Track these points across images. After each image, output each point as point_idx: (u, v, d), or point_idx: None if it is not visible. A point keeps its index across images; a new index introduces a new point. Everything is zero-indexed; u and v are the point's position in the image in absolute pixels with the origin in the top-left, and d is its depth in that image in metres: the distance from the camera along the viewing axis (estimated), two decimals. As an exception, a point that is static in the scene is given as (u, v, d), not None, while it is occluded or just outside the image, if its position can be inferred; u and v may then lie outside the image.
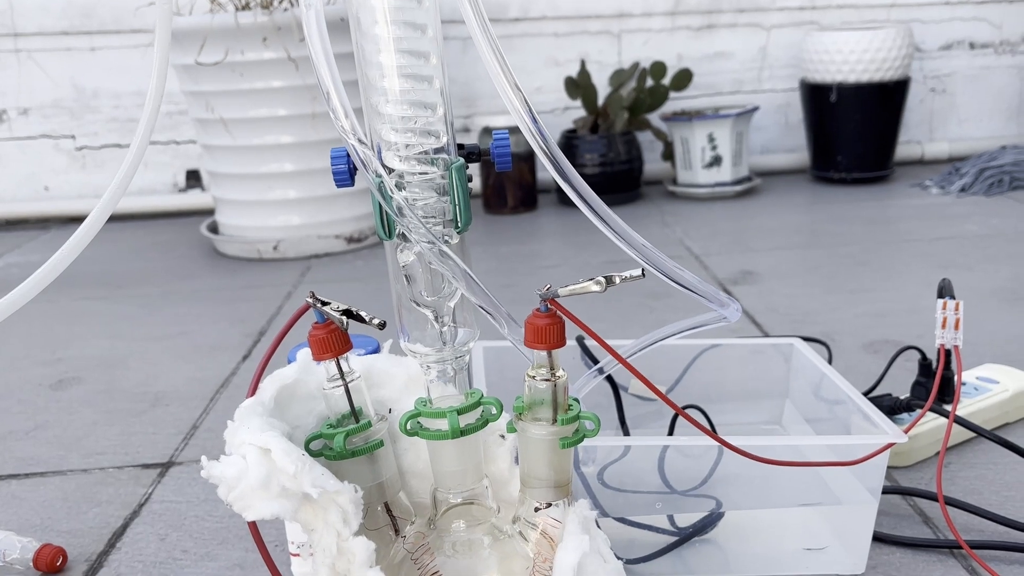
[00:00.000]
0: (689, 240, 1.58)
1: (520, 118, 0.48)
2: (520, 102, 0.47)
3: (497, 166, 0.54)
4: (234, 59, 1.51)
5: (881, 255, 1.43)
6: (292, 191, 1.62)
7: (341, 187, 0.50)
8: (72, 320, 1.35)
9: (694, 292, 0.53)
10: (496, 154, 0.54)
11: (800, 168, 2.05)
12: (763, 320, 1.16)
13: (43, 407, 1.04)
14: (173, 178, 2.06)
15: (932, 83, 2.08)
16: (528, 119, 0.48)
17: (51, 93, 1.99)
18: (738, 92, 2.05)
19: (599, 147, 1.84)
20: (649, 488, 0.67)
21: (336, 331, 0.48)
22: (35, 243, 1.86)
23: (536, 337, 0.47)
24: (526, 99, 0.48)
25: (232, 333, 1.25)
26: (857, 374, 0.96)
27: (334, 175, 0.50)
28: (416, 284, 0.48)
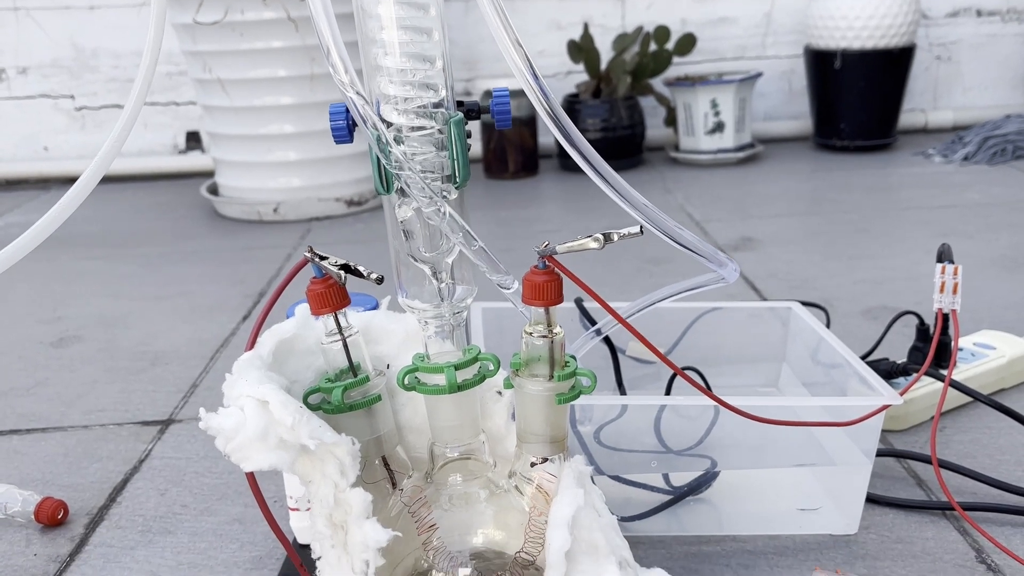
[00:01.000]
0: (690, 206, 1.58)
1: (521, 75, 0.47)
2: (522, 59, 0.47)
3: (497, 123, 0.54)
4: (233, 19, 1.50)
5: (882, 223, 1.42)
6: (292, 153, 1.62)
7: (340, 143, 0.50)
8: (72, 279, 1.35)
9: (693, 251, 0.53)
10: (496, 111, 0.54)
11: (803, 135, 2.04)
12: (762, 286, 1.16)
13: (43, 364, 1.04)
14: (173, 139, 2.05)
15: (938, 51, 2.06)
16: (529, 76, 0.48)
17: (50, 52, 1.98)
18: (741, 58, 2.04)
19: (601, 112, 1.83)
20: (645, 448, 0.68)
21: (334, 286, 0.48)
22: (35, 203, 1.86)
23: (534, 294, 0.47)
24: (528, 56, 0.48)
25: (231, 294, 1.25)
26: (854, 339, 0.97)
27: (333, 131, 0.50)
28: (414, 240, 0.48)
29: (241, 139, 1.62)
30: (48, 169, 2.01)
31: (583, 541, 0.45)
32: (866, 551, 0.63)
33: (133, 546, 0.68)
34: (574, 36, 1.89)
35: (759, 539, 0.65)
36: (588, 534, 0.45)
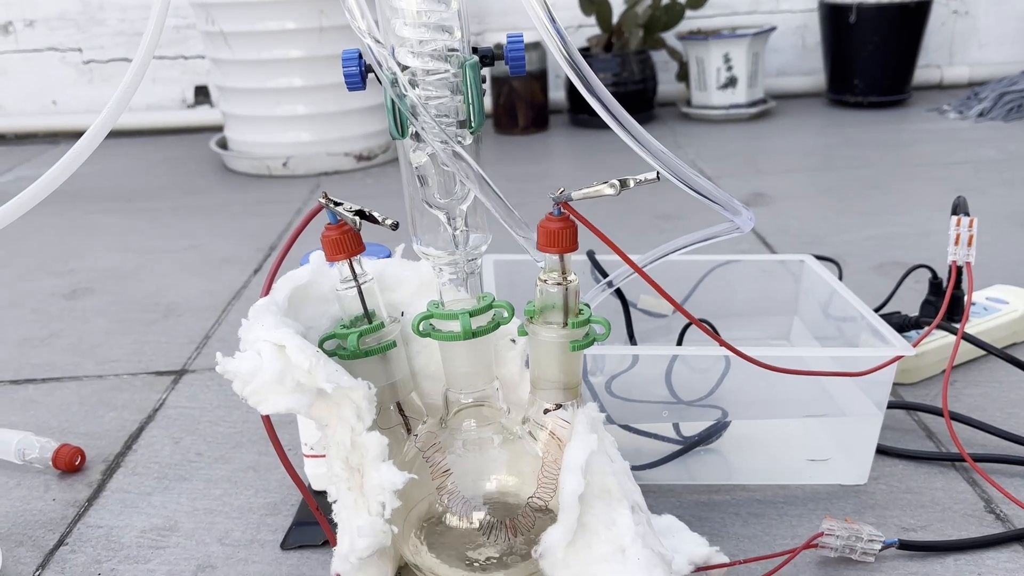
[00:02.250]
0: (702, 162, 1.57)
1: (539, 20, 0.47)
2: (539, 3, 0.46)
3: (511, 70, 0.53)
4: (242, -31, 1.48)
5: (895, 179, 1.41)
6: (301, 107, 1.61)
7: (353, 90, 0.49)
8: (83, 233, 1.35)
9: (709, 199, 0.52)
10: (510, 57, 0.53)
11: (816, 91, 2.02)
12: (774, 241, 1.16)
13: (57, 316, 1.05)
14: (182, 94, 2.04)
15: (955, 5, 2.03)
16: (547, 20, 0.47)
17: (57, 4, 1.96)
18: (755, 12, 2.01)
19: (613, 66, 1.81)
20: (656, 398, 0.68)
21: (349, 231, 0.48)
22: (44, 157, 1.86)
23: (548, 240, 0.47)
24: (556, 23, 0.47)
25: (243, 247, 1.25)
26: (867, 294, 0.96)
27: (345, 77, 0.49)
28: (429, 186, 0.48)
29: (250, 93, 1.61)
30: (57, 123, 2.00)
31: (596, 485, 0.45)
32: (875, 501, 0.63)
33: (150, 492, 0.69)
34: (586, -11, 1.87)
35: (769, 488, 0.66)
36: (601, 479, 0.46)
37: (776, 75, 2.04)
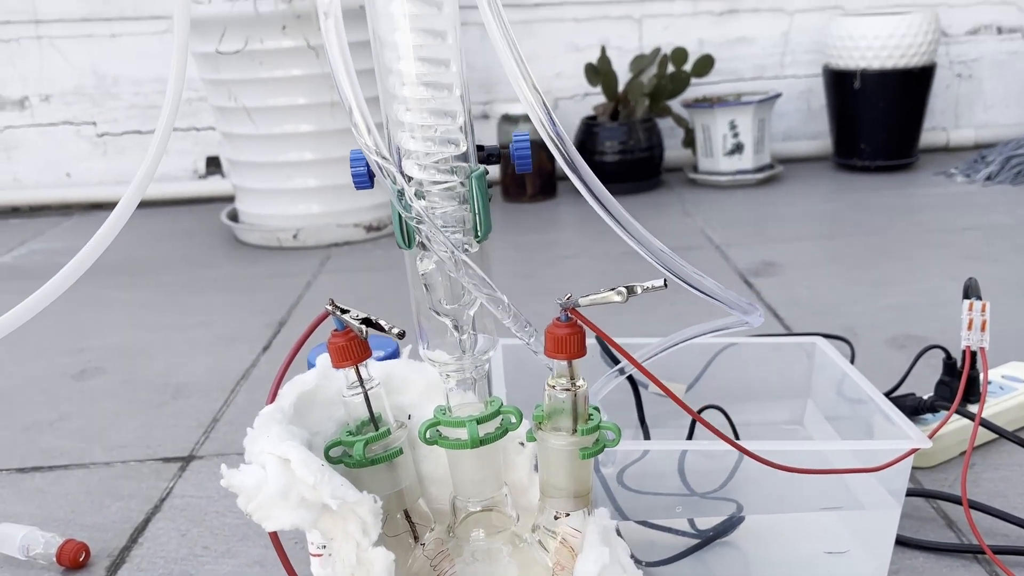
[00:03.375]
0: (710, 230, 1.57)
1: (538, 120, 0.47)
2: (539, 104, 0.47)
3: (517, 168, 0.54)
4: (253, 47, 1.51)
5: (905, 246, 1.41)
6: (312, 179, 1.62)
7: (360, 189, 0.49)
8: (95, 309, 1.36)
9: (715, 299, 0.52)
10: (516, 156, 0.54)
11: (823, 155, 2.03)
12: (785, 313, 1.15)
13: (66, 397, 1.05)
14: (193, 164, 2.06)
15: (958, 68, 2.05)
16: (546, 121, 0.47)
17: (72, 80, 2.00)
18: (760, 78, 2.03)
19: (619, 134, 1.83)
20: (669, 490, 0.67)
21: (355, 339, 0.48)
22: (57, 230, 1.88)
23: (556, 347, 0.46)
24: (544, 101, 0.47)
25: (252, 323, 1.25)
26: (880, 371, 0.95)
27: (353, 177, 0.50)
28: (435, 292, 0.48)
29: (261, 166, 1.63)
30: (71, 195, 2.02)
31: (608, 599, 0.44)
32: (896, 597, 0.62)
33: (155, 590, 0.68)
34: (592, 57, 1.89)
35: (786, 584, 0.64)
36: (613, 592, 0.44)
37: (782, 139, 2.06)
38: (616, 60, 1.90)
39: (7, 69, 1.99)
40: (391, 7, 0.43)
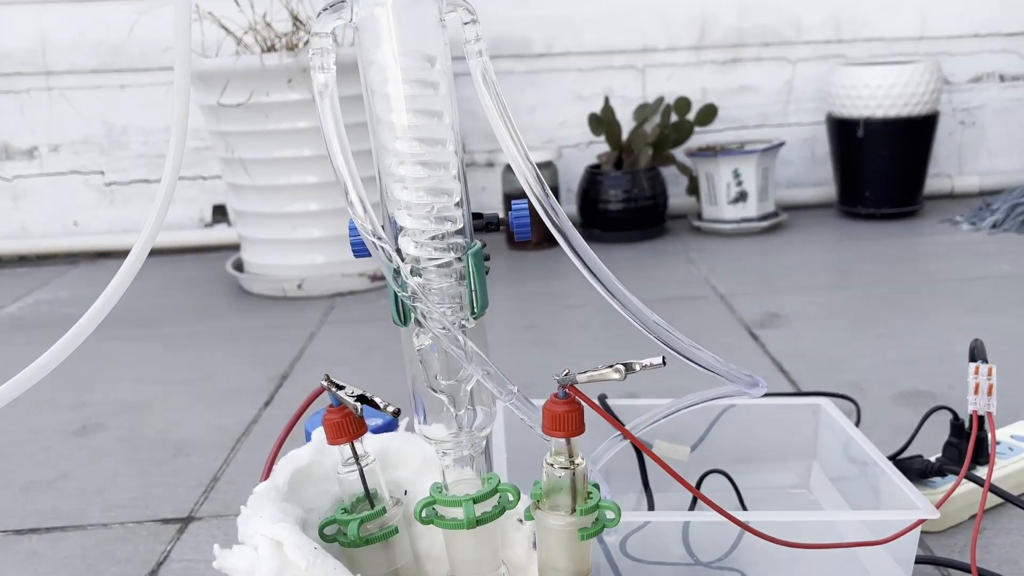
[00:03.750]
0: (715, 279, 1.57)
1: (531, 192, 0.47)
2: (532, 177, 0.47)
3: (516, 237, 0.54)
4: (259, 100, 1.52)
5: (910, 296, 1.40)
6: (316, 230, 1.63)
7: (359, 257, 0.49)
8: (97, 362, 1.35)
9: (715, 373, 0.51)
10: (515, 225, 0.54)
11: (827, 202, 2.03)
12: (790, 367, 1.14)
13: (65, 455, 1.04)
14: (200, 213, 2.07)
15: (961, 115, 2.05)
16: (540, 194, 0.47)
17: (81, 130, 2.02)
18: (763, 126, 2.04)
19: (623, 183, 1.83)
20: (673, 558, 0.66)
21: (350, 415, 0.47)
22: (63, 279, 1.88)
23: (554, 425, 0.46)
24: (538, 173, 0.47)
25: (254, 377, 1.25)
26: (887, 428, 0.94)
27: (352, 246, 0.50)
28: (431, 368, 0.47)
29: (266, 216, 1.64)
30: (77, 244, 2.03)
31: None
32: (906, 673, 0.60)
33: (149, 662, 0.67)
34: (595, 106, 1.91)
35: (793, 658, 0.62)
36: None
37: (786, 186, 2.06)
38: (620, 109, 1.91)
39: (17, 119, 2.01)
40: (388, 88, 0.43)
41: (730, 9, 1.99)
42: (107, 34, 1.95)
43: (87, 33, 1.96)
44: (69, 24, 1.95)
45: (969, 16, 2.01)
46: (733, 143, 1.92)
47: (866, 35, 2.01)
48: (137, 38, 1.91)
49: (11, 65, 1.97)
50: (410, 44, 0.43)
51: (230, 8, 1.62)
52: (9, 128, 2.01)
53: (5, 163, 2.03)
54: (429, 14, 0.43)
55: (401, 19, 0.42)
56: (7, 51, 1.96)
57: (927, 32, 2.01)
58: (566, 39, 1.98)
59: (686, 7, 1.98)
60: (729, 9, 1.99)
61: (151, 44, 1.94)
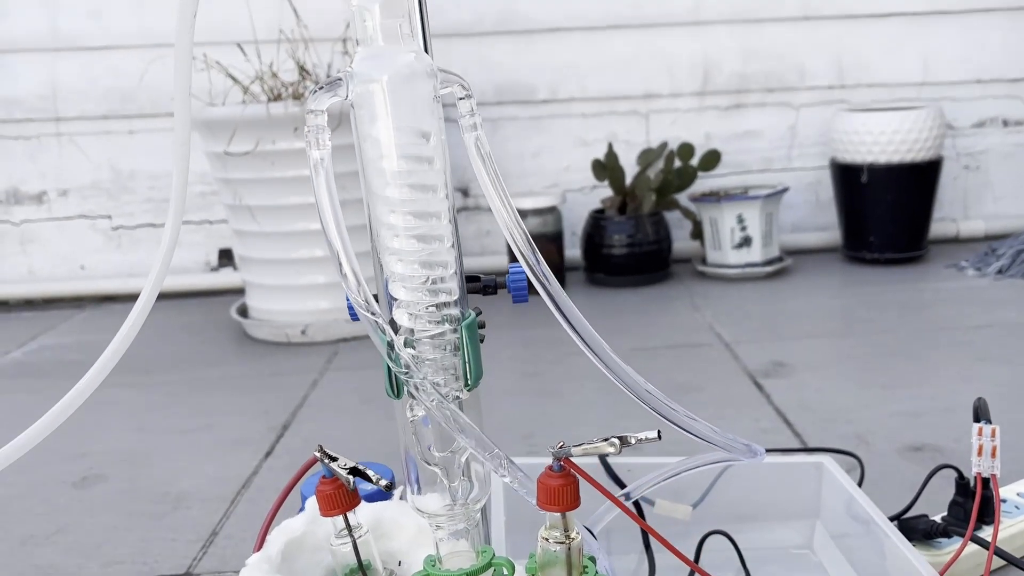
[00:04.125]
0: (719, 325, 1.56)
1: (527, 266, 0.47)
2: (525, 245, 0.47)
3: (513, 299, 0.54)
4: (265, 148, 1.53)
5: (916, 344, 1.40)
6: (321, 276, 1.63)
7: (356, 321, 0.49)
8: (100, 411, 1.35)
9: (712, 443, 0.51)
10: (512, 289, 0.54)
11: (832, 246, 2.03)
12: (794, 419, 1.13)
13: (64, 508, 1.04)
14: (206, 257, 2.08)
15: (965, 160, 2.06)
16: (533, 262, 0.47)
17: (90, 175, 2.04)
18: (767, 170, 2.04)
19: (627, 228, 1.84)
20: (673, 624, 0.65)
21: (343, 487, 0.47)
22: (69, 323, 1.89)
23: (549, 498, 0.45)
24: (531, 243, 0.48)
25: (256, 426, 1.24)
26: (892, 484, 0.93)
27: (348, 309, 0.50)
28: (424, 440, 0.47)
29: (271, 263, 1.64)
30: (84, 288, 2.04)
31: None
32: None
33: None
34: (600, 151, 1.92)
35: None
36: None
37: (791, 231, 2.06)
38: (623, 154, 1.92)
39: (27, 165, 2.03)
40: (383, 163, 0.43)
41: (733, 56, 2.00)
42: (117, 81, 1.98)
43: (98, 80, 1.98)
44: (81, 71, 1.98)
45: (971, 62, 2.02)
46: (737, 188, 1.92)
47: (868, 81, 2.02)
48: (146, 85, 1.94)
49: (22, 111, 2.00)
50: (405, 120, 0.43)
51: (237, 58, 1.65)
52: (19, 173, 2.03)
53: (14, 208, 2.05)
54: (424, 91, 0.43)
55: (396, 96, 0.43)
56: (19, 98, 1.99)
57: (929, 78, 2.02)
58: (570, 85, 2.00)
59: (689, 54, 2.00)
60: (732, 56, 2.00)
61: (160, 91, 1.97)
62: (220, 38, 1.71)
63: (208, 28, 1.67)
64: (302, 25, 1.66)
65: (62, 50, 1.97)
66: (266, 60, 1.65)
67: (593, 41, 1.99)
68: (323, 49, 1.74)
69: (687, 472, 0.62)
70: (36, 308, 2.04)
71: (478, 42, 1.96)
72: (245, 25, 1.73)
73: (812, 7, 1.98)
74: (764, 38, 2.00)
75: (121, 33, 1.95)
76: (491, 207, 0.45)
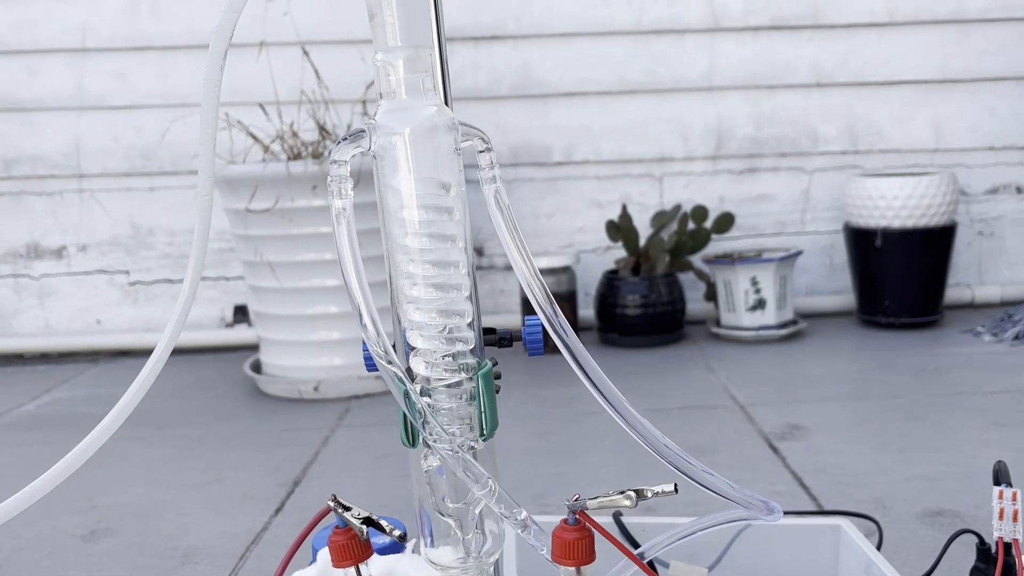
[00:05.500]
0: (734, 388, 1.55)
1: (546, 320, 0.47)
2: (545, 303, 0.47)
3: (529, 352, 0.54)
4: (284, 205, 1.55)
5: (933, 409, 1.38)
6: (335, 332, 1.64)
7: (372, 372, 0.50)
8: (111, 464, 1.35)
9: (729, 499, 0.51)
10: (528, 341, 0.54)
11: (847, 310, 2.03)
12: (811, 482, 1.12)
13: (73, 561, 1.03)
14: (221, 313, 2.10)
15: (979, 226, 2.06)
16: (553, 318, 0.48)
17: (110, 230, 2.06)
18: (781, 234, 2.05)
19: (641, 289, 1.84)
20: None
21: (356, 538, 0.46)
22: (83, 377, 1.89)
23: (564, 552, 0.45)
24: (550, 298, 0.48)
25: (267, 482, 1.24)
26: (911, 550, 0.92)
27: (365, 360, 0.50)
28: (439, 491, 0.47)
29: (286, 319, 1.65)
30: (99, 342, 2.05)
31: None
32: None
33: None
34: (613, 213, 1.93)
35: None
36: None
37: (805, 294, 2.06)
38: (637, 215, 1.93)
39: (48, 220, 2.06)
40: (404, 213, 0.44)
41: (747, 120, 2.03)
42: (139, 139, 2.02)
43: (120, 138, 2.03)
44: (104, 129, 2.02)
45: (983, 129, 2.04)
46: (751, 251, 1.93)
47: (881, 147, 2.04)
48: (168, 143, 1.97)
49: (45, 168, 2.04)
50: (426, 172, 0.44)
51: (259, 118, 1.68)
52: (40, 228, 2.06)
53: (34, 262, 2.07)
54: (445, 143, 0.44)
55: (418, 148, 0.43)
56: (43, 154, 2.03)
57: (942, 144, 2.04)
58: (585, 148, 2.03)
59: (703, 118, 2.03)
60: (746, 121, 2.03)
61: (181, 149, 2.00)
62: (242, 98, 1.75)
63: (231, 88, 1.71)
64: (323, 86, 1.69)
65: (87, 109, 2.01)
66: (287, 120, 1.68)
67: (608, 105, 2.02)
68: (343, 110, 1.78)
69: (703, 532, 0.61)
70: (51, 362, 2.05)
71: (495, 105, 2.00)
72: (267, 86, 1.77)
73: (824, 74, 2.01)
74: (777, 103, 2.03)
75: (145, 93, 2.00)
76: (509, 258, 0.46)
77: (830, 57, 2.01)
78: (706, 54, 2.00)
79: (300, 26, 1.83)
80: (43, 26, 1.98)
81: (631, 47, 2.00)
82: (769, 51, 2.01)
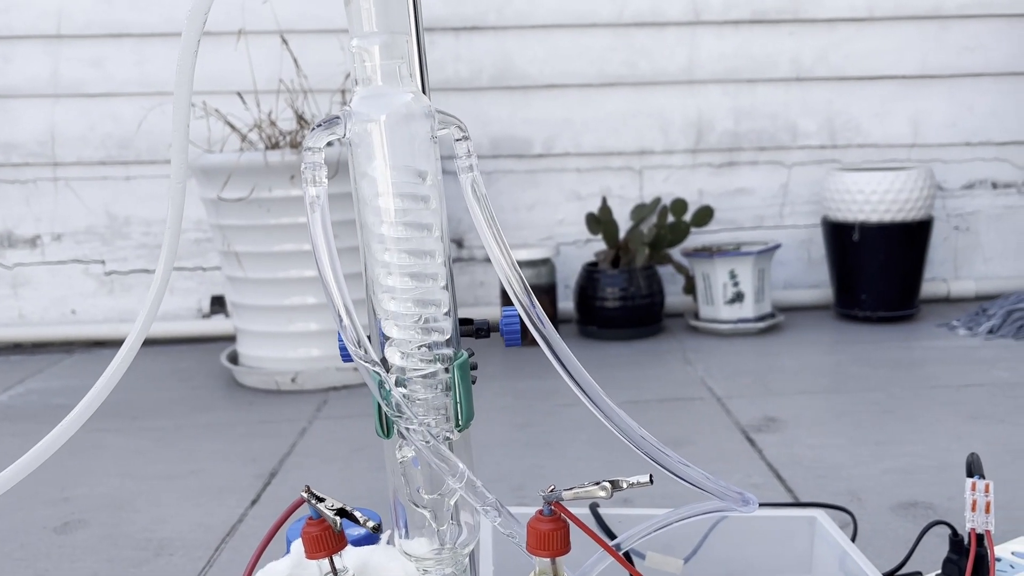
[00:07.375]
0: (711, 380, 1.56)
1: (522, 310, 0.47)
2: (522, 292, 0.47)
3: (506, 343, 0.53)
4: (261, 195, 1.54)
5: (908, 402, 1.39)
6: (313, 323, 1.63)
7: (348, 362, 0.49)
8: (85, 455, 1.33)
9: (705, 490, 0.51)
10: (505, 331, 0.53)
11: (824, 304, 2.04)
12: (787, 475, 1.12)
13: (44, 554, 1.02)
14: (198, 303, 2.08)
15: (956, 221, 2.08)
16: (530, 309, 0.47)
17: (85, 220, 2.04)
18: (759, 227, 2.06)
19: (620, 281, 1.84)
20: None
21: (329, 529, 0.46)
22: (57, 368, 1.87)
23: (539, 544, 0.45)
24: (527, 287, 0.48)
25: (243, 473, 1.23)
26: (885, 541, 0.92)
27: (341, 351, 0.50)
28: (414, 482, 0.46)
29: (263, 309, 1.64)
30: (74, 332, 2.03)
31: None
32: None
33: None
34: (593, 206, 1.93)
35: None
36: None
37: (783, 287, 2.07)
38: (617, 208, 1.93)
39: (22, 209, 2.03)
40: (379, 201, 0.43)
41: (726, 114, 2.03)
42: (116, 127, 2.00)
43: (97, 126, 2.00)
44: (80, 117, 2.00)
45: (960, 125, 2.05)
46: (729, 244, 1.93)
47: (860, 141, 2.05)
48: (144, 132, 1.95)
49: (19, 156, 2.01)
50: (402, 159, 0.43)
51: (236, 106, 1.66)
52: (14, 217, 2.03)
53: (7, 251, 2.04)
54: (421, 131, 0.44)
55: (394, 135, 0.43)
56: (17, 142, 2.00)
57: (919, 139, 2.05)
58: (565, 141, 2.02)
59: (683, 111, 2.03)
60: (725, 114, 2.03)
61: (158, 138, 1.98)
62: (220, 87, 1.73)
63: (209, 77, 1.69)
64: (302, 76, 1.68)
65: (62, 96, 1.99)
66: (265, 109, 1.67)
67: (588, 98, 2.02)
68: (322, 100, 1.77)
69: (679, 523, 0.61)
70: (25, 352, 2.03)
71: (476, 97, 1.99)
72: (246, 74, 1.75)
73: (804, 68, 2.02)
74: (757, 97, 2.03)
75: (122, 80, 1.97)
76: (486, 248, 0.46)
77: (810, 51, 2.02)
78: (687, 47, 2.01)
79: (279, 15, 1.82)
80: (18, 11, 1.95)
81: (612, 40, 2.00)
82: (749, 45, 2.01)
